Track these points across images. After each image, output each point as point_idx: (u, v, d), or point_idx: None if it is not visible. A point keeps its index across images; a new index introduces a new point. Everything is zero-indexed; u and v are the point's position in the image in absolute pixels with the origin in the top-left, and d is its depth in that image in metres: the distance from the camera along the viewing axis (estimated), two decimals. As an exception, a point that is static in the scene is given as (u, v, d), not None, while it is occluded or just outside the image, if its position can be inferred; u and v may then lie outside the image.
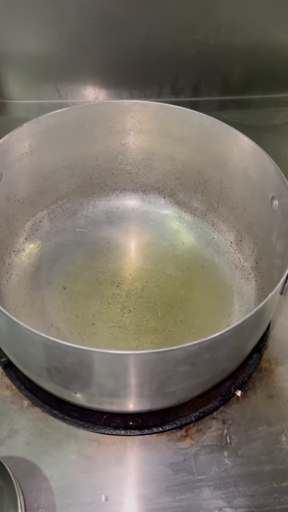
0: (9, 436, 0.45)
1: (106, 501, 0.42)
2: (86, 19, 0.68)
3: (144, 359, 0.33)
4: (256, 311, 0.34)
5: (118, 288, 0.53)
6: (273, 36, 0.71)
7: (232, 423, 0.46)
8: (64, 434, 0.45)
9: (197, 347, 0.32)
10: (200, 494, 0.42)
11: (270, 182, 0.46)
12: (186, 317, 0.51)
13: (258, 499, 0.42)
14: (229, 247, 0.56)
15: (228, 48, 0.72)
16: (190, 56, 0.73)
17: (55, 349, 0.33)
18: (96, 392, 0.38)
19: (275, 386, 0.49)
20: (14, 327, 0.34)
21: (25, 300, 0.52)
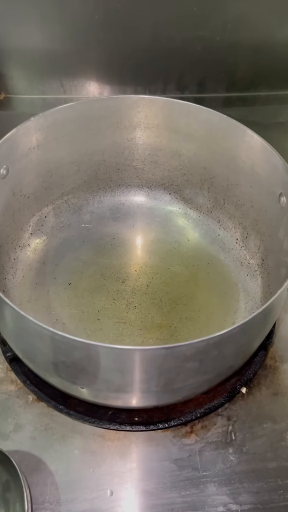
0: (15, 431, 0.45)
1: (111, 496, 0.42)
2: (91, 15, 0.67)
3: (152, 354, 0.33)
4: (264, 308, 0.34)
5: (124, 284, 0.53)
6: (280, 33, 0.70)
7: (237, 419, 0.46)
8: (69, 429, 0.45)
9: (205, 344, 0.32)
10: (205, 490, 0.42)
11: (278, 178, 0.45)
12: (191, 313, 0.51)
13: (263, 496, 0.42)
14: (235, 244, 0.56)
15: (234, 44, 0.71)
16: (196, 52, 0.73)
17: (63, 344, 0.33)
18: (103, 387, 0.38)
19: (280, 383, 0.49)
20: (21, 321, 0.34)
21: (30, 295, 0.52)
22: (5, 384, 0.48)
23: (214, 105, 0.53)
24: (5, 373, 0.48)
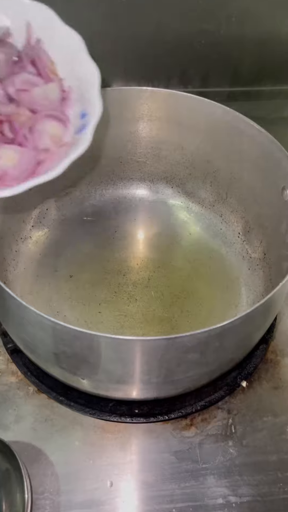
0: (15, 422, 0.45)
1: (110, 487, 0.42)
2: (95, 7, 0.67)
3: (153, 345, 0.33)
4: (266, 300, 0.34)
5: (125, 277, 0.53)
6: (284, 26, 0.70)
7: (237, 413, 0.46)
8: (70, 420, 0.45)
9: (207, 335, 0.32)
10: (205, 482, 0.42)
11: (281, 172, 0.45)
12: (193, 307, 0.51)
13: (263, 488, 0.42)
14: (237, 238, 0.56)
15: (238, 38, 0.71)
16: (200, 46, 0.72)
17: (64, 334, 0.33)
18: (104, 378, 0.38)
19: (280, 377, 0.49)
20: (23, 311, 0.34)
21: (31, 288, 0.52)
22: (6, 376, 0.48)
23: (217, 100, 0.53)
24: (6, 365, 0.48)
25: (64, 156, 0.35)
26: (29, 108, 0.36)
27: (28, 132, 0.36)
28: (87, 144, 0.34)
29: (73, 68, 0.37)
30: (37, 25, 0.37)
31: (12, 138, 0.36)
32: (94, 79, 0.36)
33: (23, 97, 0.36)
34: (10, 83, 0.36)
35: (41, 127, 0.36)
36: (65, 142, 0.36)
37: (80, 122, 0.36)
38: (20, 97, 0.36)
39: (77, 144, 0.35)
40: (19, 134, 0.36)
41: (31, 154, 0.35)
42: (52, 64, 0.38)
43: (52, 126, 0.37)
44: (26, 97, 0.36)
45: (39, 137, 0.36)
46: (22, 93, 0.36)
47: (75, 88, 0.37)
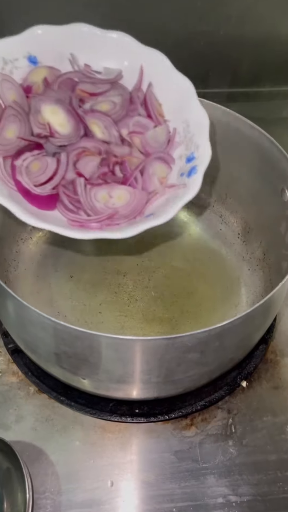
0: (16, 422, 0.45)
1: (111, 486, 0.42)
2: (95, 8, 0.67)
3: (154, 345, 0.33)
4: (265, 300, 0.34)
5: (125, 277, 0.53)
6: (283, 27, 0.70)
7: (237, 412, 0.47)
8: (70, 420, 0.45)
9: (207, 334, 0.33)
10: (205, 481, 0.42)
11: (280, 173, 0.45)
12: (193, 307, 0.51)
13: (263, 488, 0.42)
14: (236, 238, 0.56)
15: (237, 39, 0.71)
16: (199, 47, 0.72)
17: (65, 334, 0.33)
18: (104, 378, 0.38)
19: (280, 377, 0.49)
20: (25, 311, 0.34)
21: (32, 288, 0.52)
22: (6, 376, 0.48)
23: (217, 101, 0.53)
24: (7, 365, 0.49)
25: (171, 197, 0.36)
26: (140, 150, 0.38)
27: (139, 174, 0.37)
28: (198, 189, 0.35)
29: (181, 111, 0.38)
30: (149, 69, 0.39)
31: (122, 178, 0.37)
32: (204, 125, 0.37)
33: (135, 139, 0.38)
34: (124, 125, 0.37)
35: (151, 170, 0.37)
36: (170, 183, 0.37)
37: (187, 165, 0.37)
38: (132, 139, 0.38)
39: (188, 187, 0.36)
40: (130, 175, 0.37)
41: (142, 195, 0.36)
42: (160, 106, 0.39)
43: (160, 168, 0.38)
44: (138, 139, 0.37)
45: (149, 179, 0.37)
46: (134, 135, 0.37)
47: (180, 131, 0.39)
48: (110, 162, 0.37)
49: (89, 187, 0.36)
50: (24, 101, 0.36)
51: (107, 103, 0.37)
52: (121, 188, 0.36)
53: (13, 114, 0.35)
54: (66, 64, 0.38)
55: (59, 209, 0.36)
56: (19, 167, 0.35)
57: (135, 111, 0.39)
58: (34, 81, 0.37)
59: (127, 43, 0.39)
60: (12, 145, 0.35)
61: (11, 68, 0.37)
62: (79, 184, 0.36)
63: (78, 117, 0.37)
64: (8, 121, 0.35)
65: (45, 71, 0.38)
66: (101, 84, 0.38)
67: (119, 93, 0.38)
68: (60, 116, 0.36)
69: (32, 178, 0.35)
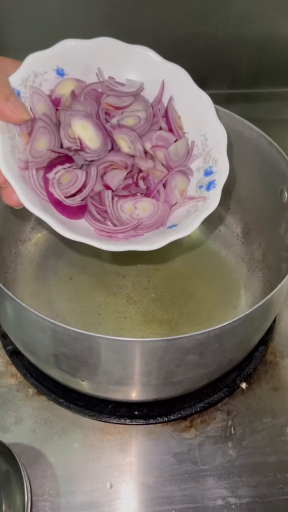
0: (15, 424, 0.45)
1: (110, 488, 0.42)
2: (94, 10, 0.67)
3: (153, 346, 0.33)
4: (264, 302, 0.34)
5: (124, 279, 0.53)
6: (283, 29, 0.70)
7: (236, 414, 0.46)
8: (69, 422, 0.45)
9: (206, 336, 0.33)
10: (204, 483, 0.42)
11: (280, 174, 0.46)
12: (192, 309, 0.51)
13: (262, 490, 0.42)
14: (236, 240, 0.56)
15: (237, 40, 0.71)
16: (199, 48, 0.73)
17: (64, 335, 0.33)
18: (103, 380, 0.38)
19: (280, 378, 0.49)
20: (23, 313, 0.34)
21: (31, 289, 0.52)
22: (5, 378, 0.48)
23: (216, 102, 0.53)
24: (6, 367, 0.48)
25: (192, 209, 0.38)
26: (162, 163, 0.39)
27: (161, 187, 0.39)
28: (217, 202, 0.38)
29: (199, 125, 0.40)
30: (169, 83, 0.40)
31: (145, 189, 0.39)
32: (223, 140, 0.39)
33: (158, 153, 0.40)
34: (147, 139, 0.39)
35: (173, 183, 0.39)
36: (189, 195, 0.39)
37: (205, 178, 0.39)
38: (155, 153, 0.40)
39: (208, 201, 0.38)
40: (154, 188, 0.39)
41: (165, 207, 0.38)
42: (179, 118, 0.41)
43: (181, 181, 0.40)
44: (160, 153, 0.39)
45: (171, 192, 0.39)
46: (157, 149, 0.39)
47: (198, 144, 0.40)
48: (134, 174, 0.39)
49: (116, 199, 0.38)
50: (53, 114, 0.38)
51: (132, 118, 0.39)
52: (145, 201, 0.39)
53: (43, 126, 0.37)
54: (91, 76, 0.40)
55: (86, 219, 0.38)
56: (51, 179, 0.36)
57: (157, 123, 0.40)
58: (62, 93, 0.39)
59: (149, 57, 0.40)
60: (43, 157, 0.37)
61: (40, 80, 0.38)
62: (106, 196, 0.38)
63: (106, 132, 0.38)
64: (39, 133, 0.37)
65: (73, 84, 0.39)
66: (125, 97, 0.40)
67: (143, 107, 0.40)
68: (89, 130, 0.37)
69: (62, 189, 0.37)
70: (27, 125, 0.36)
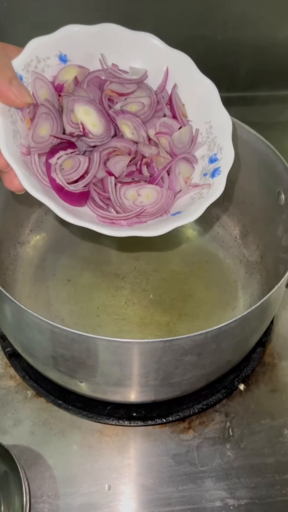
0: (14, 426, 0.45)
1: (108, 490, 0.42)
2: (93, 13, 0.68)
3: (151, 347, 0.33)
4: (262, 303, 0.35)
5: (123, 281, 0.54)
6: (281, 33, 0.71)
7: (235, 416, 0.46)
8: (68, 424, 0.45)
9: (203, 337, 0.33)
10: (203, 485, 0.42)
11: (277, 176, 0.46)
12: (190, 311, 0.51)
13: (260, 491, 0.42)
14: (234, 241, 0.56)
15: (235, 43, 0.72)
16: (197, 52, 0.72)
17: (62, 337, 0.33)
18: (101, 381, 0.38)
19: (278, 380, 0.49)
20: (22, 315, 0.34)
21: (30, 292, 0.52)
22: (4, 380, 0.48)
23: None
24: (4, 369, 0.49)
25: (196, 197, 0.37)
26: (166, 151, 0.39)
27: (165, 174, 0.38)
28: (222, 189, 0.37)
29: (203, 112, 0.40)
30: (173, 70, 0.40)
31: (148, 177, 0.38)
32: (227, 127, 0.38)
33: (161, 140, 0.39)
34: (151, 126, 0.39)
35: (177, 170, 0.39)
36: (193, 182, 0.39)
37: (210, 165, 0.39)
38: (159, 139, 0.39)
39: (212, 188, 0.37)
40: (157, 175, 0.38)
41: (168, 194, 0.38)
42: (183, 106, 0.40)
43: (185, 168, 0.39)
44: (164, 140, 0.39)
45: (175, 179, 0.38)
46: (161, 136, 0.39)
47: (203, 131, 0.40)
48: (138, 161, 0.39)
49: (119, 185, 0.37)
50: (55, 100, 0.38)
51: (136, 104, 0.39)
52: (149, 187, 0.38)
53: (45, 112, 0.37)
54: (95, 63, 0.40)
55: (89, 206, 0.37)
56: (54, 165, 0.36)
57: (161, 111, 0.40)
58: (65, 79, 0.39)
59: (153, 44, 0.40)
60: (45, 143, 0.36)
61: (43, 66, 0.38)
62: (109, 183, 0.37)
63: (109, 117, 0.38)
64: (41, 118, 0.36)
65: (75, 70, 0.39)
66: (128, 84, 0.39)
67: (146, 94, 0.40)
68: (92, 116, 0.37)
69: (65, 175, 0.36)
70: (29, 111, 0.36)
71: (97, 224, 0.35)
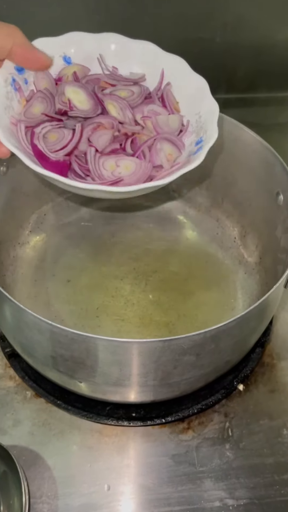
0: (13, 426, 0.45)
1: (108, 490, 0.42)
2: (92, 16, 0.68)
3: (150, 347, 0.33)
4: (260, 302, 0.35)
5: (122, 281, 0.54)
6: (279, 34, 0.71)
7: (234, 416, 0.47)
8: (67, 424, 0.45)
9: (202, 337, 0.33)
10: (202, 485, 0.42)
11: (275, 177, 0.46)
12: (189, 311, 0.51)
13: (259, 491, 0.42)
14: (233, 242, 0.57)
15: (233, 46, 0.72)
16: (195, 54, 0.73)
17: (62, 337, 0.33)
18: (101, 381, 0.38)
19: (277, 380, 0.49)
20: (22, 315, 0.35)
21: (29, 292, 0.52)
22: (3, 380, 0.48)
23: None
24: (4, 369, 0.49)
25: (175, 171, 0.38)
26: (152, 133, 0.41)
27: (147, 149, 0.40)
28: (200, 161, 0.37)
29: (195, 105, 0.41)
30: (169, 72, 0.42)
31: (131, 154, 0.39)
32: (214, 114, 0.40)
33: (147, 122, 0.41)
34: (139, 111, 0.41)
35: (159, 145, 0.40)
36: (177, 162, 0.40)
37: (195, 147, 0.40)
38: (145, 122, 0.41)
39: (190, 161, 0.38)
40: (138, 148, 0.39)
41: (147, 166, 0.38)
42: (177, 103, 0.42)
43: (169, 148, 0.40)
44: (150, 123, 0.41)
45: (156, 154, 0.39)
46: (147, 119, 0.41)
47: (193, 122, 0.41)
48: (122, 140, 0.40)
49: (98, 155, 0.38)
50: (53, 88, 0.40)
51: (125, 91, 0.41)
52: (128, 159, 0.38)
53: (41, 96, 0.39)
54: (96, 68, 0.42)
55: (69, 177, 0.38)
56: (37, 133, 0.37)
57: (151, 100, 0.42)
58: (65, 73, 0.41)
59: (151, 50, 0.42)
60: (35, 119, 0.38)
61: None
62: (89, 153, 0.37)
63: (98, 100, 0.40)
64: (36, 101, 0.39)
65: (76, 67, 0.41)
66: (125, 81, 0.42)
67: (138, 86, 0.42)
68: (81, 96, 0.39)
69: (48, 146, 0.37)
70: (28, 94, 0.39)
71: (66, 178, 0.35)
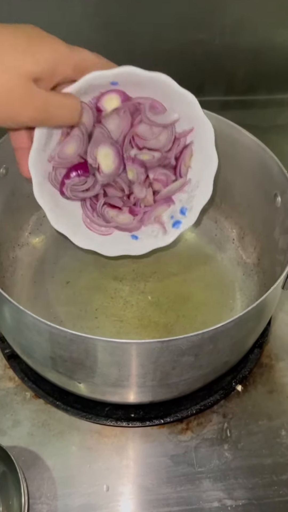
0: (13, 427, 0.45)
1: (107, 491, 0.42)
2: (92, 18, 0.68)
3: (148, 348, 0.33)
4: (258, 303, 0.35)
5: (121, 283, 0.54)
6: (278, 37, 0.71)
7: (232, 417, 0.47)
8: (67, 425, 0.45)
9: (200, 337, 0.33)
10: (200, 485, 0.43)
11: (273, 179, 0.46)
12: (188, 312, 0.52)
13: (258, 491, 0.42)
14: (231, 243, 0.57)
15: (233, 48, 0.72)
16: (195, 56, 0.74)
17: (61, 338, 0.34)
18: (100, 382, 0.39)
19: (275, 381, 0.49)
20: (21, 316, 0.35)
21: (28, 294, 0.52)
22: (3, 381, 0.48)
23: (212, 109, 0.54)
24: (3, 370, 0.49)
25: (154, 234, 0.48)
26: (154, 193, 0.46)
27: (143, 212, 0.47)
28: (169, 243, 0.48)
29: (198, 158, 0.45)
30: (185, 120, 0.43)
31: (132, 203, 0.46)
32: (212, 168, 0.44)
33: (155, 185, 0.46)
34: (152, 172, 0.45)
35: (154, 213, 0.47)
36: (161, 220, 0.48)
37: (178, 215, 0.48)
38: (155, 185, 0.45)
39: (166, 236, 0.48)
40: (138, 211, 0.47)
41: (137, 224, 0.48)
42: (190, 157, 0.45)
43: (163, 210, 0.47)
44: (158, 185, 0.46)
45: (147, 218, 0.47)
46: (157, 183, 0.45)
47: (192, 177, 0.46)
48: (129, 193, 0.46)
49: (105, 206, 0.46)
50: (90, 124, 0.41)
51: (148, 155, 0.43)
52: (126, 215, 0.47)
53: (77, 134, 0.41)
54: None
55: (82, 208, 0.47)
56: (67, 184, 0.43)
57: (167, 160, 0.45)
58: (105, 108, 0.41)
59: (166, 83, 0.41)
60: (68, 160, 0.42)
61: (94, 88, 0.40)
62: (99, 204, 0.46)
63: (122, 160, 0.43)
64: (72, 139, 0.41)
65: (117, 102, 0.41)
66: (156, 127, 0.43)
67: (162, 145, 0.44)
68: (109, 159, 0.43)
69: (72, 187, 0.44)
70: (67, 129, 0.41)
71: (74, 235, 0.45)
